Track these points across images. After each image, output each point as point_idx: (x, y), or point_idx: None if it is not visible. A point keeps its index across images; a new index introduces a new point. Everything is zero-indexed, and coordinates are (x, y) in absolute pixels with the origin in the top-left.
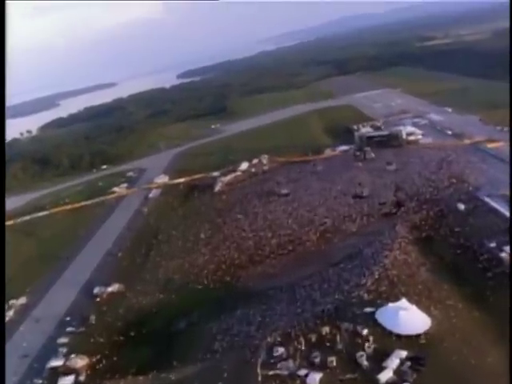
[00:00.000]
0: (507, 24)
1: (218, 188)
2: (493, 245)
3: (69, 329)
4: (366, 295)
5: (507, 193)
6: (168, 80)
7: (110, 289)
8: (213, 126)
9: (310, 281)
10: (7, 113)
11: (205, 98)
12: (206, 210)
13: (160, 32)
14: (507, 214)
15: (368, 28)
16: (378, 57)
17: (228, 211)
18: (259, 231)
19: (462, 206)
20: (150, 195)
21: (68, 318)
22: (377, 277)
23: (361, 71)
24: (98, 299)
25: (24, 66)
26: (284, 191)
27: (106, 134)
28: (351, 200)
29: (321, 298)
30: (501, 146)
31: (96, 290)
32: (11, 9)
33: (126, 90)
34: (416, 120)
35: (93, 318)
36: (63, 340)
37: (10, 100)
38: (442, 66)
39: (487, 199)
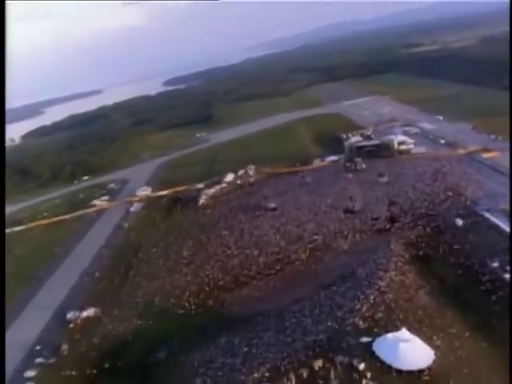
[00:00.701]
0: (493, 31)
1: (202, 201)
2: (495, 264)
3: (38, 360)
4: (361, 323)
5: (508, 207)
6: (154, 87)
7: (84, 313)
8: (198, 135)
9: (300, 305)
10: None
11: (190, 105)
12: (189, 226)
13: (147, 39)
14: (508, 230)
15: (354, 35)
16: (366, 64)
17: (212, 227)
18: (245, 249)
19: (460, 222)
20: (132, 209)
21: (38, 347)
22: (372, 301)
23: (348, 78)
24: (71, 325)
25: (11, 72)
26: (271, 205)
27: (89, 143)
28: (342, 215)
29: (312, 325)
30: (497, 155)
31: (70, 315)
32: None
33: (111, 97)
34: (407, 128)
35: (65, 347)
36: (31, 373)
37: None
38: (430, 72)
39: (487, 214)
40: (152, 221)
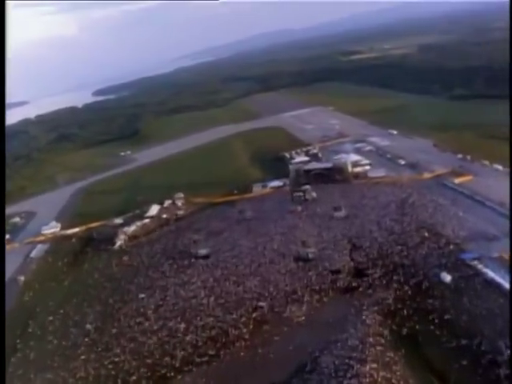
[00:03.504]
0: (427, 39)
1: (119, 243)
2: None
3: None
4: None
5: (504, 255)
6: (83, 98)
7: None
8: (122, 153)
9: None
10: None
11: (117, 118)
12: (99, 281)
13: (77, 48)
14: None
15: (288, 43)
16: (302, 72)
17: (128, 283)
18: (168, 319)
19: (447, 278)
20: (33, 254)
21: None
22: None
23: (285, 87)
24: None
25: None
26: (203, 251)
27: None
28: (293, 265)
29: None
30: (471, 180)
31: None
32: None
33: (36, 109)
34: (358, 145)
35: None
36: None
37: None
38: (372, 81)
39: (479, 266)
40: (55, 273)
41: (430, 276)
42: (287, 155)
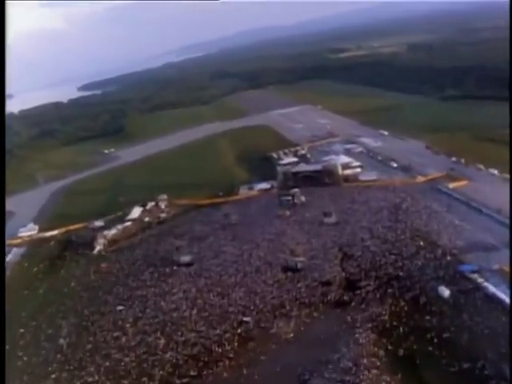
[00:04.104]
0: (415, 38)
1: (98, 248)
2: None
3: None
4: None
5: (504, 267)
6: (68, 93)
7: None
8: (106, 151)
9: None
10: None
11: (102, 114)
12: (75, 290)
13: (65, 42)
14: None
15: (274, 40)
16: (290, 69)
17: (105, 293)
18: (147, 334)
19: (445, 292)
20: (8, 258)
21: None
22: None
23: (272, 85)
24: None
25: None
26: (185, 259)
27: None
28: (281, 275)
29: None
30: (466, 185)
31: None
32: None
33: (20, 103)
34: (348, 146)
35: None
36: None
37: None
38: (361, 79)
39: (479, 279)
40: (30, 280)
41: (427, 290)
42: (275, 155)
